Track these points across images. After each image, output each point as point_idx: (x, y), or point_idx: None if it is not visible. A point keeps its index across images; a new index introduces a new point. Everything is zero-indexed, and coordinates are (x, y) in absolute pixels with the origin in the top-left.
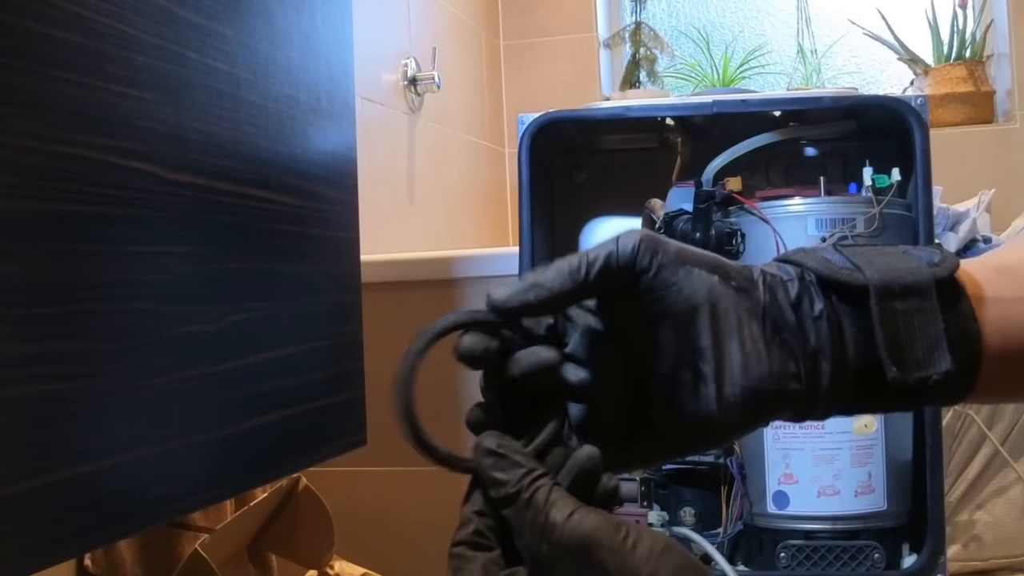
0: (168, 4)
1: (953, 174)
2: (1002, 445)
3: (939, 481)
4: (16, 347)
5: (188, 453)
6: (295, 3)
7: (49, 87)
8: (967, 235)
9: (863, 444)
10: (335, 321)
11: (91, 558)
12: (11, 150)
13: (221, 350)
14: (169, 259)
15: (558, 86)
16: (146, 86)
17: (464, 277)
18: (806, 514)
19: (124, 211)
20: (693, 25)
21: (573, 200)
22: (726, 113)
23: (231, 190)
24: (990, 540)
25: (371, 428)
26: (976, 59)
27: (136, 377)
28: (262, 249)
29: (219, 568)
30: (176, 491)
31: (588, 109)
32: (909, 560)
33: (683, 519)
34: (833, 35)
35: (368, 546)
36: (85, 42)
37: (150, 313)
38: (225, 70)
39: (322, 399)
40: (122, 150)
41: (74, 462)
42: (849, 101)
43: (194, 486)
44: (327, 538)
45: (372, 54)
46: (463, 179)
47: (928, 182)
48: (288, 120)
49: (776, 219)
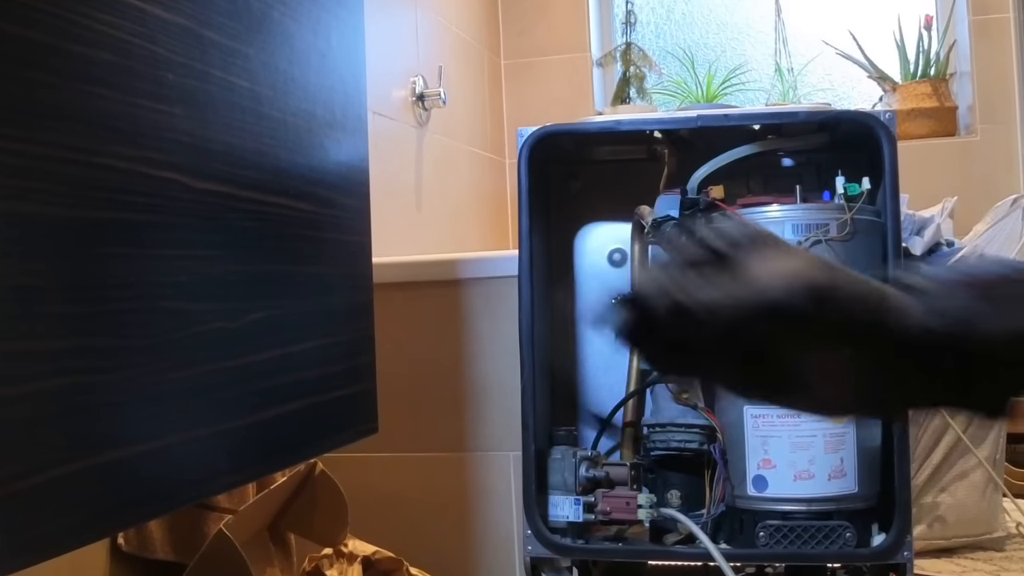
0: (195, 26)
1: (919, 183)
2: (964, 433)
3: (906, 466)
4: (55, 343)
5: (213, 440)
6: (311, 25)
7: (85, 102)
8: (931, 239)
9: (836, 432)
10: (349, 318)
11: (124, 537)
12: (51, 161)
13: (243, 345)
14: (195, 261)
15: (554, 102)
16: (174, 101)
17: (468, 278)
18: (783, 496)
19: (153, 217)
20: (679, 45)
21: (568, 207)
22: (709, 127)
23: (253, 198)
24: (953, 520)
25: (382, 417)
26: (940, 77)
27: (164, 370)
28: (281, 252)
29: (242, 546)
30: (202, 475)
31: (582, 123)
32: (878, 539)
33: (669, 501)
34: (808, 55)
35: (379, 526)
36: (118, 61)
37: (177, 311)
38: (247, 87)
39: (337, 390)
40: (152, 161)
41: (108, 449)
42: (823, 116)
43: (218, 471)
44: (342, 518)
45: (383, 72)
46: (467, 187)
47: (896, 190)
48: (305, 133)
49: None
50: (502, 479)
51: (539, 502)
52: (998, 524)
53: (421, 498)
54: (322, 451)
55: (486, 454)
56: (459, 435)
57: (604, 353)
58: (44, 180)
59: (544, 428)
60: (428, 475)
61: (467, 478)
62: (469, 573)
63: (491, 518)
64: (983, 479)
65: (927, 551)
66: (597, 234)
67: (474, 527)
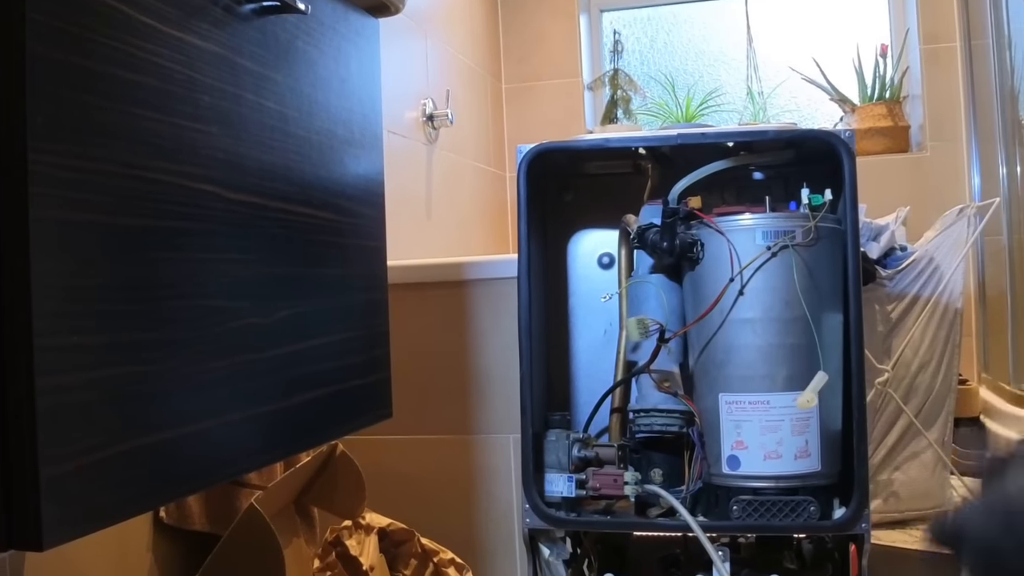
0: (229, 54)
1: (875, 194)
2: (916, 417)
3: (864, 447)
4: (106, 337)
5: (246, 424)
6: (333, 53)
7: (131, 122)
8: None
9: (801, 416)
10: (366, 315)
11: (165, 510)
12: (100, 175)
13: (273, 339)
14: (230, 264)
15: (550, 122)
16: (211, 122)
17: (472, 279)
18: (754, 474)
19: (193, 225)
20: (661, 71)
21: (562, 215)
22: (688, 144)
23: (281, 207)
24: (906, 496)
25: (396, 403)
26: (894, 99)
27: (203, 361)
28: (306, 256)
29: (271, 519)
30: (236, 455)
31: (574, 141)
32: (839, 512)
33: (653, 478)
34: (776, 80)
35: (393, 500)
36: (161, 86)
37: (214, 309)
38: (276, 109)
39: (355, 379)
40: (191, 174)
41: (155, 431)
42: (789, 134)
43: (251, 451)
44: (360, 494)
45: (397, 95)
46: (471, 198)
47: (855, 201)
48: (328, 150)
49: (730, 231)
50: (503, 459)
51: (536, 479)
52: (946, 499)
53: (431, 476)
54: (342, 434)
55: (488, 436)
56: (464, 419)
57: (594, 346)
58: (96, 192)
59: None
60: (437, 455)
61: (472, 458)
62: (473, 543)
63: (493, 494)
64: (933, 459)
65: (883, 523)
66: (588, 240)
67: (478, 502)
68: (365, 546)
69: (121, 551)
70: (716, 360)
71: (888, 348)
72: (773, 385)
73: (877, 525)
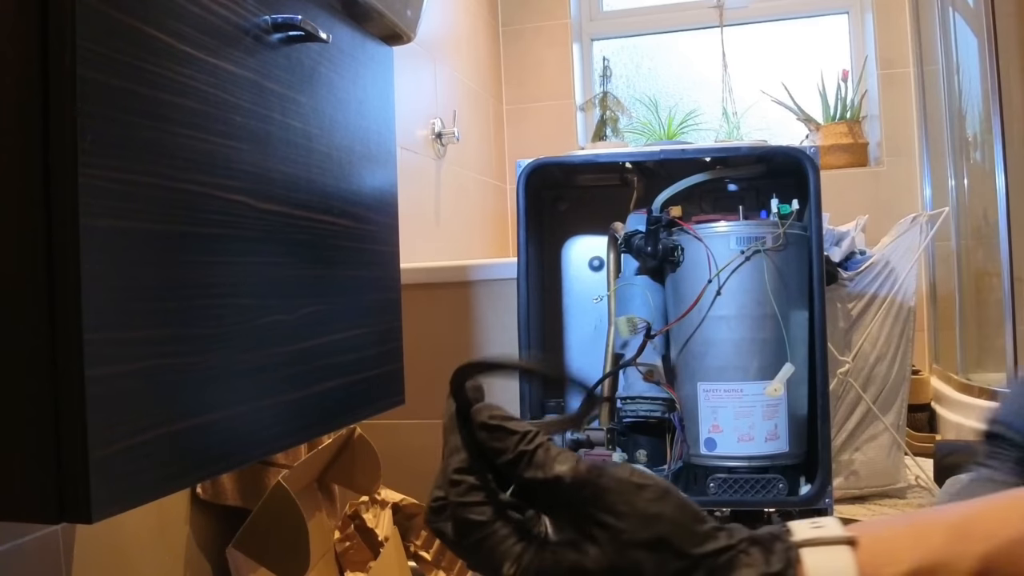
0: (258, 79)
1: (837, 204)
2: (874, 404)
3: (827, 430)
4: (148, 332)
5: (273, 410)
6: (351, 77)
7: (170, 139)
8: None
9: (771, 403)
10: (381, 312)
11: (201, 487)
12: (143, 186)
13: (297, 334)
14: (258, 267)
15: (546, 139)
16: (242, 139)
17: (476, 280)
18: (729, 455)
19: (225, 231)
20: (646, 93)
21: (557, 223)
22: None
23: (304, 216)
24: (865, 474)
25: (408, 391)
26: (854, 119)
27: (236, 354)
28: (327, 259)
29: (296, 495)
30: (264, 438)
31: (568, 156)
32: (805, 489)
33: (638, 459)
34: (749, 101)
35: (406, 478)
36: (198, 107)
37: (244, 306)
38: (300, 127)
39: (372, 370)
40: (224, 186)
41: (193, 416)
42: (761, 150)
43: (277, 434)
44: (376, 472)
45: (409, 115)
46: (475, 207)
47: (819, 210)
48: (347, 164)
49: (707, 237)
50: None
51: None
52: (901, 477)
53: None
54: (360, 418)
55: None
56: None
57: (586, 340)
58: (140, 202)
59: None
60: None
61: None
62: None
63: None
64: (889, 441)
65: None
66: (580, 245)
67: None
68: (380, 519)
69: (161, 523)
70: (695, 353)
71: (849, 342)
72: (746, 375)
73: (839, 500)
